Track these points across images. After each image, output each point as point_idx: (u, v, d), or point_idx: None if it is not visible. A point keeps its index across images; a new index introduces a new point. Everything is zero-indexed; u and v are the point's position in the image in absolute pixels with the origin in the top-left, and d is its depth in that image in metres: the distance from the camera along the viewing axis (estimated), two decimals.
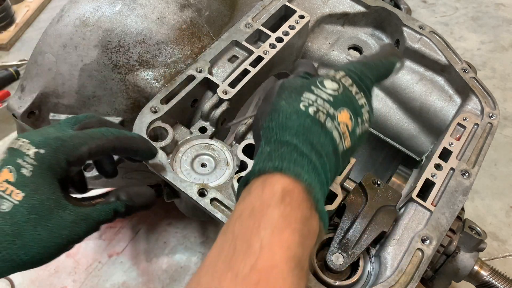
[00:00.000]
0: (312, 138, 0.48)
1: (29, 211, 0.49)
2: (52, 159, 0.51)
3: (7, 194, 0.49)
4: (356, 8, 1.00)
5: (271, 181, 0.44)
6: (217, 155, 0.73)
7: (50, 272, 1.14)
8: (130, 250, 1.18)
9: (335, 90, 0.52)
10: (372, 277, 0.67)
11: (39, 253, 0.50)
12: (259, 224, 0.41)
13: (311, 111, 0.49)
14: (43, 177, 0.51)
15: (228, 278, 0.37)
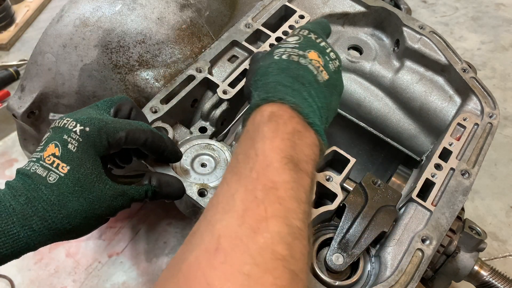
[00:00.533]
0: (292, 73, 0.56)
1: (74, 183, 0.52)
2: (96, 137, 0.55)
3: (54, 167, 0.52)
4: (356, 8, 1.00)
5: (260, 110, 0.52)
6: (217, 155, 0.73)
7: (50, 272, 1.14)
8: (130, 250, 1.18)
9: (298, 40, 0.61)
10: (372, 277, 0.67)
11: (81, 223, 0.53)
12: (253, 140, 0.49)
13: (284, 57, 0.58)
14: (87, 153, 0.54)
15: (234, 180, 0.46)
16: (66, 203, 0.52)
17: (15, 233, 0.50)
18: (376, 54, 0.98)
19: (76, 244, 1.20)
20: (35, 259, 1.17)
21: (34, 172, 0.52)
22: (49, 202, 0.51)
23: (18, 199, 0.50)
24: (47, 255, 1.18)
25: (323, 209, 0.68)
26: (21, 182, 0.52)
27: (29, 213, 0.50)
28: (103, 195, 0.55)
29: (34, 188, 0.51)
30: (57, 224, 0.52)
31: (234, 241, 0.40)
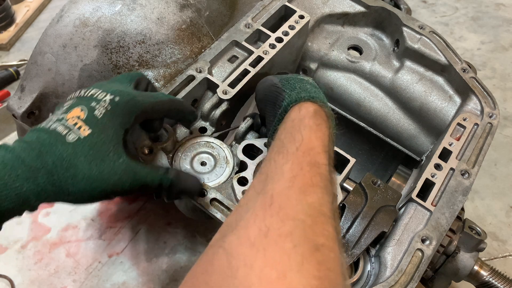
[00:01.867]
0: (320, 90, 0.65)
1: (90, 147, 0.52)
2: (124, 108, 0.56)
3: (76, 128, 0.53)
4: (356, 8, 0.99)
5: (305, 105, 0.59)
6: (217, 153, 0.73)
7: (50, 272, 1.14)
8: (130, 250, 1.18)
9: None
10: (372, 277, 0.67)
11: (84, 189, 0.52)
12: (299, 127, 0.55)
13: (311, 81, 0.67)
14: (112, 122, 0.55)
15: (280, 157, 0.51)
16: (76, 163, 0.51)
17: (17, 186, 0.48)
18: (376, 54, 0.98)
19: (76, 244, 1.20)
20: (35, 259, 1.17)
21: (54, 130, 0.52)
22: (60, 157, 0.51)
23: (29, 152, 0.50)
24: (47, 255, 1.18)
25: None
26: (35, 137, 0.52)
27: (38, 165, 0.50)
28: (114, 167, 0.54)
29: (49, 143, 0.51)
30: (62, 182, 0.51)
31: (286, 198, 0.45)
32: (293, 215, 0.43)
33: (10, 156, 0.49)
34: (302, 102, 0.60)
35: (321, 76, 0.99)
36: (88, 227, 1.23)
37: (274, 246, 0.40)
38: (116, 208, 1.27)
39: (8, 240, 1.20)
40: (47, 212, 1.27)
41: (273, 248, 0.40)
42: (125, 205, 1.28)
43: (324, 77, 0.99)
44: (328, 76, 0.99)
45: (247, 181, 0.69)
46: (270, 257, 0.39)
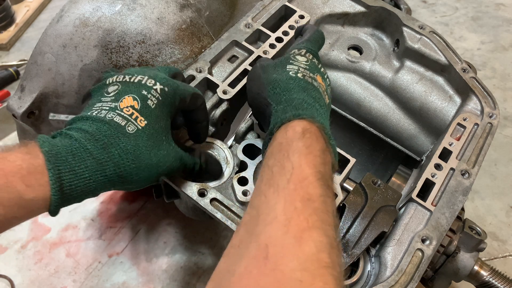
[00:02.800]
0: (311, 94, 0.59)
1: (148, 137, 0.55)
2: (172, 97, 0.59)
3: (133, 119, 0.55)
4: (356, 8, 0.99)
5: (292, 125, 0.54)
6: (217, 153, 0.73)
7: (50, 272, 1.14)
8: (130, 250, 1.18)
9: (307, 61, 0.65)
10: (372, 277, 0.67)
11: (146, 177, 0.56)
12: (288, 153, 0.51)
13: (300, 76, 0.61)
14: (162, 111, 0.58)
15: (271, 192, 0.47)
16: (139, 155, 0.54)
17: (86, 177, 0.51)
18: (376, 54, 0.98)
19: (76, 244, 1.20)
20: (35, 259, 1.17)
21: (112, 120, 0.54)
22: (125, 150, 0.53)
23: (95, 144, 0.52)
24: (47, 255, 1.18)
25: None
26: (95, 127, 0.53)
27: (105, 158, 0.52)
28: (168, 154, 0.58)
29: (112, 134, 0.53)
30: (127, 173, 0.54)
31: (281, 249, 0.41)
32: (289, 274, 0.39)
33: (78, 146, 0.52)
34: (293, 120, 0.55)
35: None
36: (88, 227, 1.23)
37: None
38: (116, 208, 1.27)
39: (8, 240, 1.20)
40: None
41: None
42: (125, 205, 1.28)
43: None
44: (328, 76, 0.99)
45: (247, 181, 0.69)
46: None
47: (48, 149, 0.50)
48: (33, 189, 0.48)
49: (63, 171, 0.50)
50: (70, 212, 1.26)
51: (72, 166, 0.50)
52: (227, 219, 0.65)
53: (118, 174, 0.53)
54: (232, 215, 0.66)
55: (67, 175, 0.50)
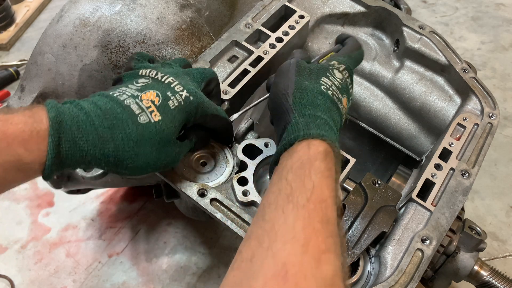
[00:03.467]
0: (333, 115, 0.60)
1: (156, 133, 0.57)
2: (193, 108, 0.61)
3: (149, 111, 0.57)
4: (356, 8, 0.99)
5: (314, 143, 0.54)
6: (217, 153, 0.73)
7: (50, 272, 1.14)
8: (130, 250, 1.18)
9: (341, 80, 0.66)
10: (372, 277, 0.67)
11: (141, 167, 0.58)
12: (310, 171, 0.51)
13: (330, 94, 0.62)
14: (179, 116, 0.60)
15: (290, 208, 0.47)
16: (141, 145, 0.56)
17: (85, 149, 0.52)
18: (376, 54, 0.98)
19: (76, 244, 1.20)
20: (35, 259, 1.17)
21: (128, 106, 0.56)
22: (129, 136, 0.55)
23: (103, 122, 0.54)
24: (47, 255, 1.18)
25: None
26: (109, 106, 0.55)
27: (107, 137, 0.54)
28: (169, 153, 0.60)
29: (122, 118, 0.55)
30: (124, 158, 0.55)
31: (300, 269, 0.41)
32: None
33: (85, 119, 0.53)
34: (316, 139, 0.55)
35: None
36: (88, 227, 1.23)
37: None
38: (116, 208, 1.28)
39: (8, 240, 1.20)
40: (47, 212, 1.27)
41: None
42: (125, 205, 1.28)
43: None
44: None
45: (247, 181, 0.69)
46: None
47: (54, 115, 0.51)
48: (32, 153, 0.49)
49: (63, 139, 0.51)
50: (70, 212, 1.26)
51: (74, 136, 0.52)
52: (227, 219, 0.65)
53: (115, 156, 0.55)
54: (232, 215, 0.66)
55: (66, 144, 0.51)
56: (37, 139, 0.49)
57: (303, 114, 0.58)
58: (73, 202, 1.28)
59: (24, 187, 1.32)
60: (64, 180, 0.99)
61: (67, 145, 0.51)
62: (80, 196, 1.27)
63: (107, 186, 1.23)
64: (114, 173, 0.57)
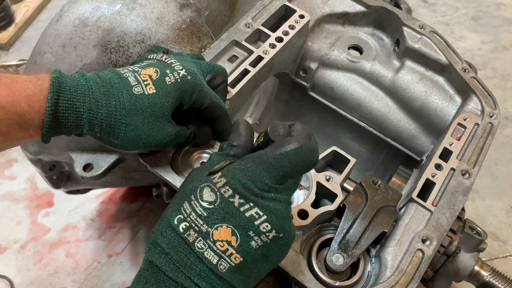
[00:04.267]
0: (179, 258, 0.47)
1: (149, 105, 0.58)
2: (189, 87, 0.62)
3: (144, 84, 0.59)
4: (356, 7, 0.99)
5: None
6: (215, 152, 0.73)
7: (49, 273, 1.14)
8: (130, 250, 1.18)
9: (212, 203, 0.48)
10: (372, 277, 0.67)
11: (132, 139, 0.58)
12: None
13: (181, 228, 0.48)
14: (173, 93, 0.60)
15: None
16: (133, 115, 0.57)
17: (80, 111, 0.55)
18: (376, 54, 0.98)
19: (75, 245, 1.20)
20: (35, 259, 1.17)
21: (126, 78, 0.58)
22: (122, 104, 0.57)
23: (99, 88, 0.56)
24: (47, 255, 1.17)
25: (323, 209, 0.68)
26: (109, 77, 0.58)
27: (102, 103, 0.56)
28: (162, 129, 0.60)
29: (118, 87, 0.57)
30: (116, 125, 0.57)
31: None
32: None
33: (84, 84, 0.56)
34: None
35: (321, 76, 0.99)
36: (88, 227, 1.23)
37: None
38: (116, 208, 1.27)
39: (8, 240, 1.20)
40: (47, 212, 1.27)
41: None
42: (125, 205, 1.28)
43: (324, 77, 0.99)
44: (329, 76, 0.99)
45: None
46: None
47: (56, 76, 0.54)
48: (33, 110, 0.52)
49: (61, 98, 0.53)
50: (70, 212, 1.26)
51: (72, 97, 0.54)
52: None
53: (108, 122, 0.56)
54: None
55: (64, 104, 0.54)
56: (39, 96, 0.52)
57: (145, 258, 0.52)
58: (73, 202, 1.28)
59: (24, 187, 1.31)
60: (64, 180, 0.99)
61: (64, 104, 0.54)
62: (79, 196, 1.27)
63: (106, 186, 1.23)
64: (108, 144, 0.59)
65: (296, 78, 1.00)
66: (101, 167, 0.84)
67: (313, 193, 0.70)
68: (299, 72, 0.99)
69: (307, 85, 0.99)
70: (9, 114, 0.51)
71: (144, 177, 0.96)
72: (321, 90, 1.00)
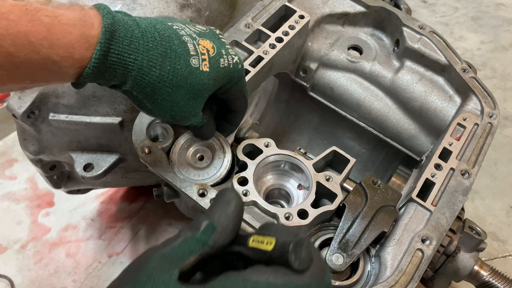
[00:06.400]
0: None
1: (198, 82, 0.56)
2: (236, 76, 0.61)
3: (201, 58, 0.56)
4: (356, 8, 0.99)
5: None
6: (213, 144, 0.72)
7: (50, 272, 1.14)
8: (130, 250, 1.18)
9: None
10: (372, 277, 0.67)
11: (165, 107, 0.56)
12: None
13: None
14: (223, 77, 0.59)
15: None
16: (180, 87, 0.54)
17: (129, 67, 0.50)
18: (376, 54, 0.98)
19: (76, 244, 1.20)
20: (35, 259, 1.17)
21: (185, 43, 0.54)
22: (175, 73, 0.53)
23: (157, 47, 0.52)
24: (47, 255, 1.18)
25: (323, 209, 0.68)
26: (167, 34, 0.53)
27: (156, 64, 0.51)
28: (194, 107, 0.58)
29: (177, 52, 0.53)
30: (158, 92, 0.53)
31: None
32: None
33: (140, 36, 0.50)
34: None
35: (321, 76, 0.99)
36: (88, 227, 1.23)
37: None
38: (116, 208, 1.28)
39: (8, 240, 1.20)
40: (47, 212, 1.27)
41: None
42: (125, 205, 1.28)
43: (324, 77, 0.99)
44: (328, 76, 0.99)
45: (247, 181, 0.69)
46: None
47: (110, 23, 0.48)
48: (72, 58, 0.46)
49: (111, 52, 0.48)
50: (70, 212, 1.26)
51: (123, 51, 0.49)
52: None
53: (154, 86, 0.52)
54: None
55: (113, 58, 0.48)
56: (83, 44, 0.46)
57: None
58: (73, 202, 1.28)
59: (24, 187, 1.32)
60: (64, 180, 0.99)
61: (113, 58, 0.48)
62: (80, 196, 1.27)
63: (107, 186, 1.23)
64: (137, 104, 0.56)
65: (296, 78, 1.00)
66: (101, 167, 0.84)
67: (313, 193, 0.70)
68: (299, 72, 1.00)
69: (307, 85, 0.99)
70: (42, 60, 0.44)
71: (144, 177, 0.97)
72: (321, 90, 1.00)
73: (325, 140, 1.13)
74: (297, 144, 1.14)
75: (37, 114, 0.81)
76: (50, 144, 0.85)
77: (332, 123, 1.10)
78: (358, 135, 1.08)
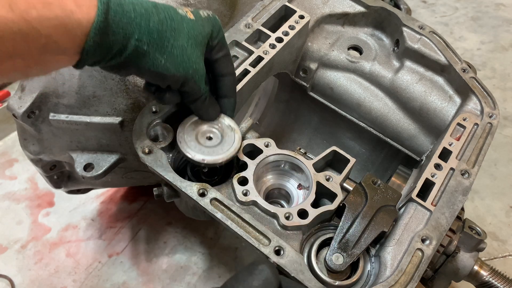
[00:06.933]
0: None
1: (192, 27, 0.62)
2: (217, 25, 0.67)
3: (184, 11, 0.63)
4: (356, 8, 1.00)
5: None
6: (219, 125, 0.72)
7: (50, 272, 1.14)
8: (130, 250, 1.19)
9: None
10: (372, 277, 0.67)
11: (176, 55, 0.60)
12: None
13: None
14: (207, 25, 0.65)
15: None
16: (180, 32, 0.60)
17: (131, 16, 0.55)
18: (376, 54, 0.98)
19: (76, 244, 1.20)
20: (35, 259, 1.17)
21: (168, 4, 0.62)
22: (171, 17, 0.60)
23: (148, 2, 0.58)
24: (47, 255, 1.18)
25: (323, 209, 0.68)
26: None
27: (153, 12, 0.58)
28: (199, 59, 0.63)
29: (165, 5, 0.60)
30: (164, 38, 0.58)
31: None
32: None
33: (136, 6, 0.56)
34: None
35: (321, 76, 0.99)
36: (88, 227, 1.23)
37: None
38: (116, 208, 1.28)
39: (8, 240, 1.20)
40: (47, 212, 1.27)
41: None
42: (125, 205, 1.28)
43: (324, 77, 0.99)
44: (328, 76, 0.99)
45: (247, 181, 0.69)
46: None
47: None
48: (81, 9, 0.50)
49: (113, 1, 0.53)
50: (70, 212, 1.26)
51: (128, 10, 0.55)
52: (227, 219, 0.65)
53: (158, 30, 0.57)
54: (232, 215, 0.66)
55: (115, 6, 0.53)
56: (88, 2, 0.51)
57: None
58: (73, 202, 1.28)
59: (25, 187, 1.32)
60: (65, 180, 0.99)
61: (116, 7, 0.53)
62: (80, 196, 1.27)
63: (107, 186, 1.23)
64: (151, 65, 0.58)
65: (296, 78, 1.00)
66: (101, 166, 0.84)
67: (313, 192, 0.70)
68: (299, 72, 1.00)
69: (307, 85, 1.00)
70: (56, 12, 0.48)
71: (144, 177, 0.97)
72: (320, 90, 1.00)
73: (325, 140, 1.13)
74: (297, 144, 1.15)
75: (37, 114, 0.81)
76: (50, 144, 0.85)
77: (332, 123, 1.10)
78: (358, 135, 1.08)
